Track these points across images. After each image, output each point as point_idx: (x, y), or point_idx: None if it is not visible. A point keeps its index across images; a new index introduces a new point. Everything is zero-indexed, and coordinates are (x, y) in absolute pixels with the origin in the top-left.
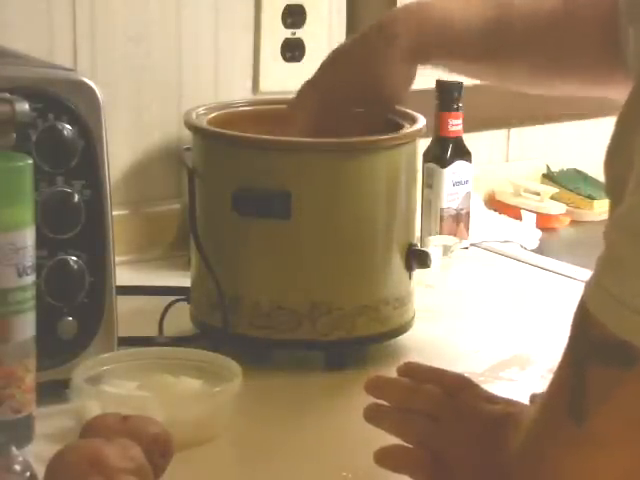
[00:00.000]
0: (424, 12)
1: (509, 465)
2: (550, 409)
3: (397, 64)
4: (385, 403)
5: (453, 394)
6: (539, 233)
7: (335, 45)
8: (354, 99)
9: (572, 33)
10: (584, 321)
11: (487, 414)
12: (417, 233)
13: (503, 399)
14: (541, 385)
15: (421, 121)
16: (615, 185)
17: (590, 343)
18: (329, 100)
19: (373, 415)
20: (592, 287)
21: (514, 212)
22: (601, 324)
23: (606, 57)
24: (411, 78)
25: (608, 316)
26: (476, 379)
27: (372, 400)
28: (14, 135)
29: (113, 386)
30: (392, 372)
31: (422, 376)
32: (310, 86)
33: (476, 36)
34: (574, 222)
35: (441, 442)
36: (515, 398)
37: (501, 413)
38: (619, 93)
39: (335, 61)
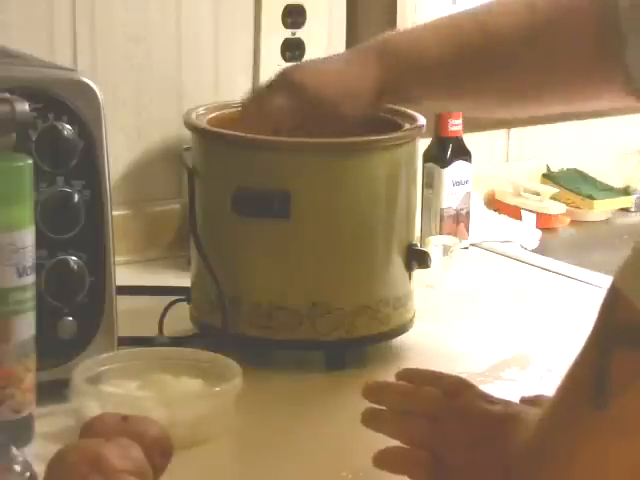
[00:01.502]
0: (392, 49)
1: (510, 463)
2: (571, 393)
3: (365, 101)
4: (383, 408)
5: (451, 395)
6: (539, 233)
7: (335, 45)
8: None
9: (553, 48)
10: (614, 304)
11: (486, 414)
12: (417, 233)
13: (501, 400)
14: (541, 385)
15: (421, 121)
16: None
17: (618, 326)
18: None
19: (371, 419)
20: (625, 269)
21: (514, 212)
22: (632, 306)
23: (595, 66)
24: (378, 111)
25: None
26: (476, 379)
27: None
28: (14, 135)
29: (113, 386)
30: (392, 372)
31: (420, 379)
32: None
33: (446, 71)
34: (574, 222)
35: (440, 442)
36: (514, 399)
37: (500, 413)
38: (612, 101)
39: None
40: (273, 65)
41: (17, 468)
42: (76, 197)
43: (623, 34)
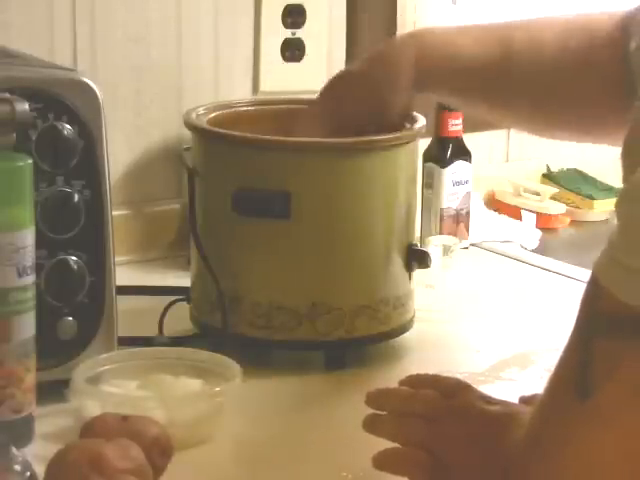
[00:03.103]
0: (427, 43)
1: (508, 461)
2: (557, 387)
3: (397, 93)
4: (384, 413)
5: (449, 396)
6: (539, 233)
7: (335, 45)
8: (356, 123)
9: (578, 77)
10: (593, 294)
11: (483, 414)
12: (417, 233)
13: (500, 400)
14: (541, 385)
15: (421, 121)
16: (631, 174)
17: (598, 316)
18: (334, 124)
19: (371, 424)
20: (603, 259)
21: (514, 212)
22: (611, 295)
23: (610, 103)
24: (409, 106)
25: (618, 285)
26: (476, 379)
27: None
28: (14, 135)
29: (113, 386)
30: (392, 372)
31: (419, 383)
32: (315, 111)
33: (477, 73)
34: (574, 222)
35: (438, 442)
36: (514, 399)
37: (498, 413)
38: (616, 139)
39: (337, 87)
40: (273, 65)
41: (17, 468)
42: (76, 197)
43: (635, 74)
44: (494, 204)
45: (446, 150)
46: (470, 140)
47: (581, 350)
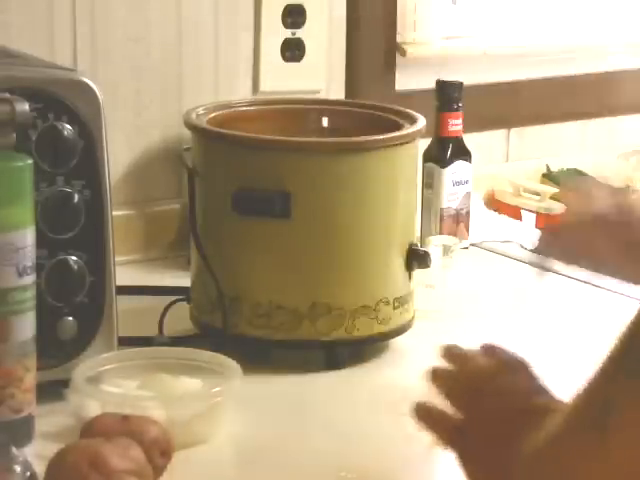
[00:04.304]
0: None
1: (513, 461)
2: (576, 417)
3: None
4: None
5: (508, 372)
6: (539, 233)
7: (335, 45)
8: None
9: None
10: (635, 329)
11: (527, 403)
12: (417, 233)
13: (550, 395)
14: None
15: (421, 121)
16: None
17: (632, 353)
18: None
19: (434, 373)
20: None
21: (514, 212)
22: None
23: None
24: None
25: None
26: None
27: (370, 397)
28: (14, 135)
29: (113, 386)
30: (392, 372)
31: (486, 352)
32: None
33: None
34: None
35: (471, 411)
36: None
37: (539, 406)
38: None
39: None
40: (273, 65)
41: (17, 468)
42: (76, 197)
43: None
44: (494, 204)
45: (446, 150)
46: (470, 140)
47: (608, 382)
